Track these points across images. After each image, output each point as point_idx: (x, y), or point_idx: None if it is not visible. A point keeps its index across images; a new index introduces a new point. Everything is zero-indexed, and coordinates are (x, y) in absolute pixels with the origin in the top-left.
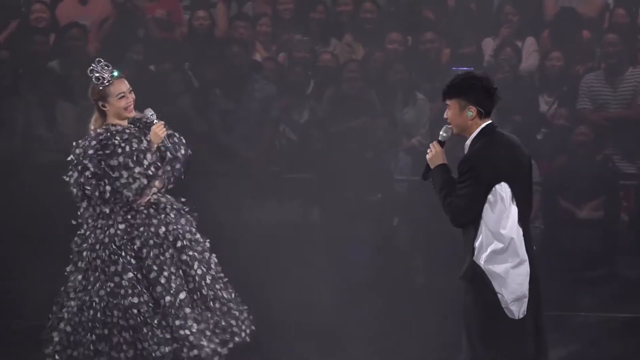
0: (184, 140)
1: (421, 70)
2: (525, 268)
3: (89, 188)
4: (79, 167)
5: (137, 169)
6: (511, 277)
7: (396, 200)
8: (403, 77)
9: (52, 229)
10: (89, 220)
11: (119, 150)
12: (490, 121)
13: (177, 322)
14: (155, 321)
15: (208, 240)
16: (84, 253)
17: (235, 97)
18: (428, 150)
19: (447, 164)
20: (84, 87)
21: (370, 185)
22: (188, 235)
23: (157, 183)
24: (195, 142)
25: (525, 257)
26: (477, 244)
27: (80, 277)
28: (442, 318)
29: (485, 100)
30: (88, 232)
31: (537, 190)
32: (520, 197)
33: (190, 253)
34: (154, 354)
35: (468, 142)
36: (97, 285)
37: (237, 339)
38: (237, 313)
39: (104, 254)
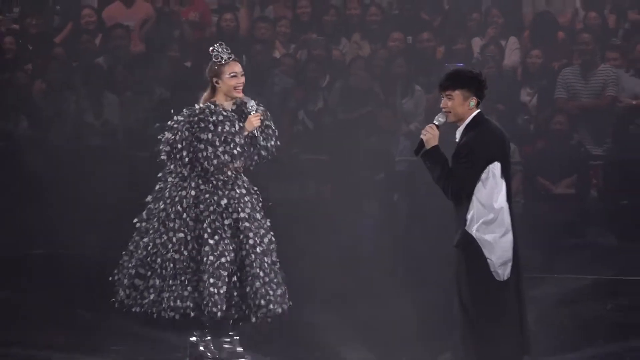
0: (277, 133)
1: (419, 66)
2: (510, 237)
3: (175, 149)
4: (174, 130)
5: (220, 148)
6: (499, 244)
7: (396, 178)
8: (403, 72)
9: (99, 203)
10: (168, 177)
11: (211, 127)
12: (479, 110)
13: (211, 280)
14: (183, 278)
15: (269, 220)
16: (157, 204)
17: (258, 89)
18: (423, 131)
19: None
20: (127, 80)
21: (374, 165)
22: (247, 210)
23: (238, 162)
24: None
25: (510, 227)
26: (469, 216)
27: (145, 224)
28: (436, 281)
29: (482, 91)
30: (165, 188)
31: (518, 170)
32: (506, 175)
33: (247, 224)
34: (170, 304)
35: (461, 128)
36: (156, 233)
37: (271, 306)
38: (274, 286)
39: (170, 209)
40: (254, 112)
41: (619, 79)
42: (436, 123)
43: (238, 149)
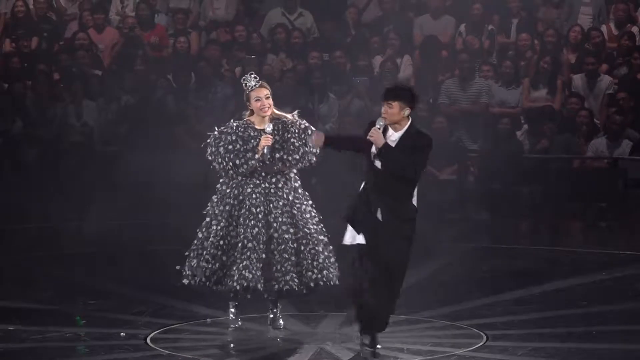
0: (303, 149)
1: (332, 78)
2: None
3: (209, 152)
4: (211, 136)
5: (233, 161)
6: None
7: (313, 167)
8: (320, 82)
9: (76, 187)
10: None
11: (229, 138)
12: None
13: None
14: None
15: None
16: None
17: (204, 96)
18: (370, 134)
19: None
20: (101, 90)
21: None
22: (281, 202)
23: (244, 170)
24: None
25: None
26: (415, 192)
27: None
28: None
29: (414, 104)
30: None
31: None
32: None
33: (282, 219)
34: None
35: (402, 131)
36: (214, 222)
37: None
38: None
39: (225, 206)
40: (267, 135)
41: (490, 89)
42: (378, 126)
43: (252, 161)
